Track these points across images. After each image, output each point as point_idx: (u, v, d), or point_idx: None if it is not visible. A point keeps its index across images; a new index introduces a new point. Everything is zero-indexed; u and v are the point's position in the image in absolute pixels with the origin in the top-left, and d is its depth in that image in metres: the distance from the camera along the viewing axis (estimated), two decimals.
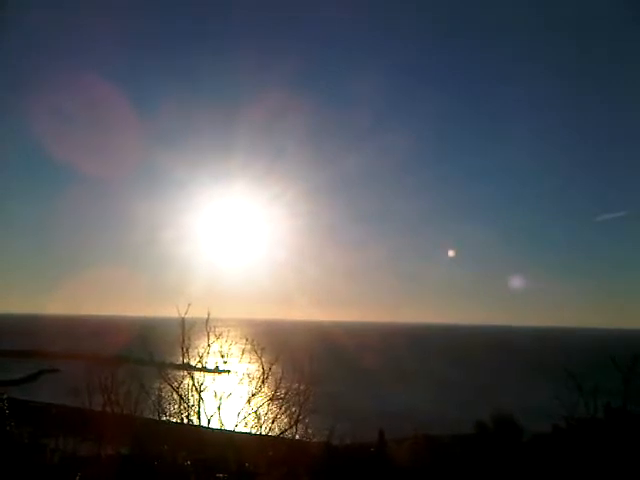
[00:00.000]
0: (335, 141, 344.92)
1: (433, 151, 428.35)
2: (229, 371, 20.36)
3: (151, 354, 19.61)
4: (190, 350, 19.13)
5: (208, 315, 19.30)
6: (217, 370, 19.98)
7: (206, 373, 19.42)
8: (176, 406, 18.80)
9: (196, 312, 19.49)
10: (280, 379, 19.77)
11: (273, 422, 19.46)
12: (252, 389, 19.29)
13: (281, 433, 19.58)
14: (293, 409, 19.72)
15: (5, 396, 11.12)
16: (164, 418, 18.91)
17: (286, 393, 19.54)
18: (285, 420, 19.67)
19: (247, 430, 19.32)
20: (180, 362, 19.67)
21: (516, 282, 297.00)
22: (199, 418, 18.59)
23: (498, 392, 75.48)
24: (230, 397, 19.34)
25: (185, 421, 18.55)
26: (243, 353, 20.55)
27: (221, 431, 18.94)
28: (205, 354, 19.24)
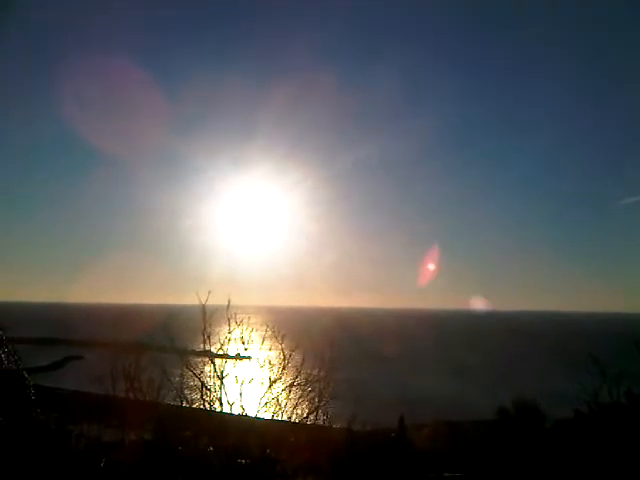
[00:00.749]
0: (356, 127, 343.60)
1: (454, 137, 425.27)
2: (250, 358, 20.43)
3: (173, 341, 19.77)
4: (211, 337, 19.30)
5: (229, 302, 19.43)
6: (238, 357, 20.08)
7: (227, 360, 19.56)
8: (198, 392, 18.99)
9: (216, 299, 19.63)
10: (301, 365, 19.86)
11: (294, 408, 19.58)
12: (273, 375, 19.40)
13: (302, 419, 19.70)
14: (314, 395, 19.83)
15: (31, 383, 11.30)
16: (186, 404, 19.11)
17: (307, 379, 19.63)
18: (306, 406, 19.78)
19: (268, 416, 19.46)
20: (201, 349, 19.85)
21: (478, 304, 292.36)
22: (221, 404, 18.76)
23: (518, 377, 75.23)
24: (251, 383, 19.49)
25: (207, 407, 18.75)
26: (263, 340, 20.68)
27: (242, 417, 19.10)
28: (226, 341, 19.37)
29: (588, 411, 25.40)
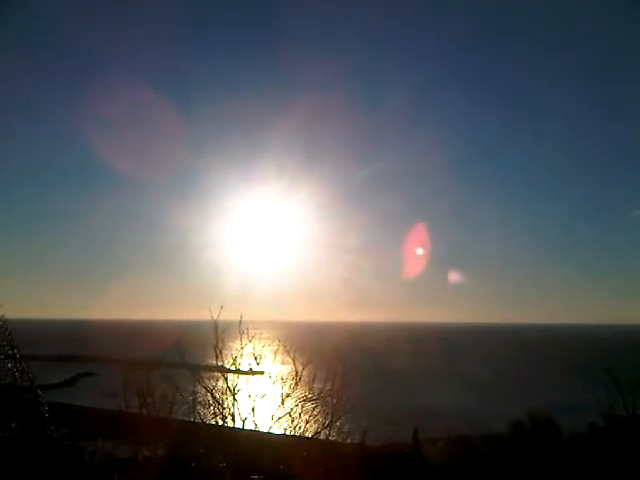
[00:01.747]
0: (368, 144, 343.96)
1: (466, 152, 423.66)
2: (262, 373, 20.44)
3: (185, 357, 19.80)
4: (223, 352, 19.34)
5: (241, 317, 19.47)
6: (251, 372, 20.08)
7: (240, 375, 19.56)
8: (211, 408, 18.98)
9: (228, 315, 19.68)
10: (313, 380, 19.83)
11: (307, 423, 19.51)
12: (285, 390, 19.37)
13: (315, 434, 19.63)
14: (326, 410, 19.77)
15: (45, 400, 11.35)
16: (199, 420, 19.10)
17: (319, 394, 19.58)
18: (319, 421, 19.71)
19: (281, 431, 19.40)
20: (214, 364, 19.87)
21: (454, 277, 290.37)
22: (234, 420, 18.74)
23: (530, 390, 74.50)
24: (264, 398, 19.47)
25: (220, 423, 18.72)
26: (276, 355, 20.68)
27: (256, 432, 19.06)
28: (239, 356, 19.39)
29: (604, 424, 25.13)
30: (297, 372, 19.50)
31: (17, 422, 8.00)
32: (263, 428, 19.11)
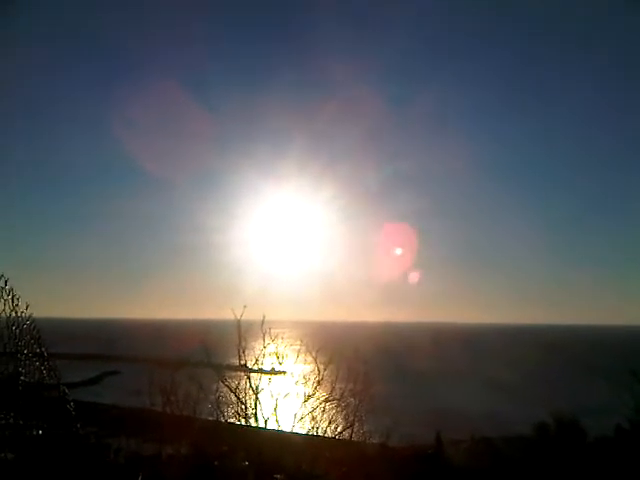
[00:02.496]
0: (391, 144, 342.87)
1: (489, 153, 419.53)
2: (285, 372, 20.51)
3: (209, 356, 19.96)
4: (246, 352, 19.46)
5: (263, 317, 19.59)
6: (273, 371, 20.18)
7: (262, 374, 19.66)
8: (234, 407, 19.11)
9: (250, 314, 19.80)
10: (335, 380, 19.84)
11: (329, 423, 19.54)
12: (308, 390, 19.42)
13: (337, 434, 19.64)
14: (349, 410, 19.77)
15: (71, 398, 11.54)
16: (222, 419, 19.24)
17: (341, 394, 19.60)
18: (341, 421, 19.72)
19: (304, 431, 19.46)
20: (237, 364, 19.99)
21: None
22: (256, 419, 18.85)
23: (553, 392, 73.72)
24: (286, 398, 19.55)
25: (243, 422, 18.84)
26: (298, 354, 20.75)
27: (278, 432, 19.14)
28: (261, 356, 19.50)
29: (630, 427, 24.74)
30: (319, 372, 19.54)
31: (44, 420, 8.14)
32: (285, 428, 19.18)
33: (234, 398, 19.10)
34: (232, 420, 19.29)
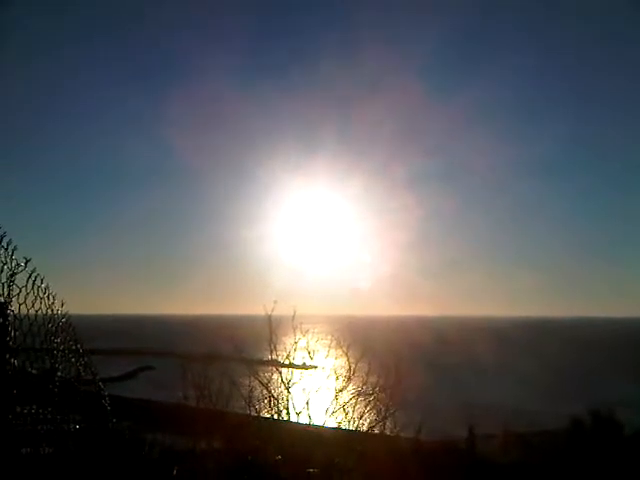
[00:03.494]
0: (422, 138, 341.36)
1: (520, 149, 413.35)
2: (316, 367, 20.55)
3: (240, 351, 20.13)
4: (277, 346, 19.55)
5: (294, 312, 19.66)
6: (304, 366, 20.25)
7: (294, 369, 19.74)
8: (266, 402, 19.23)
9: (280, 309, 19.89)
10: (367, 375, 19.82)
11: (361, 417, 19.54)
12: (339, 385, 19.44)
13: (369, 429, 19.63)
14: (380, 404, 19.74)
15: (107, 393, 11.73)
16: (255, 413, 19.37)
17: (373, 388, 19.57)
18: (373, 415, 19.70)
19: (335, 425, 19.49)
20: (268, 359, 20.12)
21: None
22: (288, 413, 18.93)
23: (588, 387, 72.58)
24: (318, 393, 19.59)
25: (275, 416, 18.95)
26: (329, 349, 20.77)
27: (310, 426, 19.20)
28: (292, 350, 19.58)
29: None
30: (350, 366, 19.54)
31: (80, 415, 8.26)
32: (317, 422, 19.23)
33: (266, 392, 19.21)
34: (264, 414, 19.42)
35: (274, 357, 19.36)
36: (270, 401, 19.05)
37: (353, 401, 19.39)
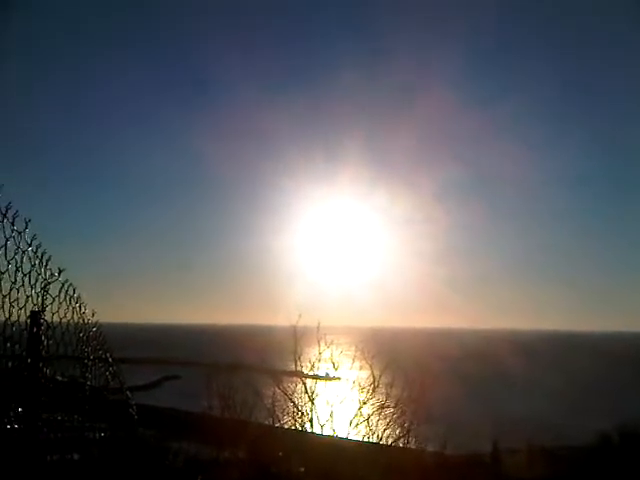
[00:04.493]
0: (448, 148, 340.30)
1: (549, 157, 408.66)
2: (339, 378, 20.52)
3: (264, 362, 20.23)
4: (301, 358, 19.57)
5: (319, 323, 19.67)
6: (328, 377, 20.23)
7: (318, 380, 19.73)
8: (289, 413, 19.24)
9: (304, 320, 19.91)
10: (391, 387, 19.74)
11: (385, 430, 19.44)
12: (363, 397, 19.37)
13: (393, 442, 19.51)
14: (405, 417, 19.62)
15: (134, 402, 11.88)
16: (278, 424, 19.40)
17: (397, 401, 19.47)
18: (397, 428, 19.58)
19: (359, 438, 19.41)
20: (292, 369, 20.15)
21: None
22: (312, 425, 18.90)
23: (616, 403, 71.06)
24: (341, 404, 19.54)
25: (299, 427, 18.94)
26: (353, 361, 20.72)
27: (334, 438, 19.15)
28: (316, 361, 19.58)
29: None
30: (374, 378, 19.47)
31: (107, 422, 8.39)
32: (341, 434, 19.17)
33: (290, 403, 19.23)
34: (288, 425, 19.42)
35: (298, 368, 19.38)
36: (294, 412, 19.06)
37: (377, 413, 19.31)
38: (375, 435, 19.17)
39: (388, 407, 19.37)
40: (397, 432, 19.44)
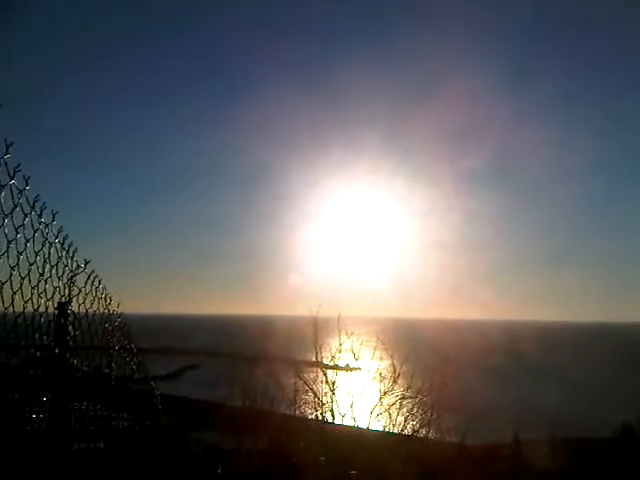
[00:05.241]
0: (468, 140, 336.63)
1: (575, 146, 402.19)
2: (360, 369, 20.54)
3: (285, 352, 20.31)
4: (321, 348, 19.63)
5: (339, 314, 19.71)
6: (348, 368, 20.27)
7: (338, 371, 19.79)
8: (311, 403, 19.32)
9: (324, 311, 19.95)
10: (412, 377, 19.72)
11: (405, 421, 19.44)
12: (383, 387, 19.38)
13: (414, 432, 19.51)
14: (425, 408, 19.61)
15: (158, 392, 12.00)
16: (300, 414, 19.49)
17: (417, 392, 19.46)
18: (417, 419, 19.58)
19: (380, 428, 19.43)
20: (312, 360, 20.22)
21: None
22: (333, 415, 18.97)
23: (638, 393, 70.30)
24: (362, 395, 19.57)
25: (319, 418, 19.01)
26: (374, 351, 20.74)
27: (354, 428, 19.20)
28: (337, 352, 19.63)
29: None
30: (395, 369, 19.46)
31: (132, 412, 8.49)
32: (362, 424, 19.22)
33: (311, 394, 19.31)
34: (309, 415, 19.51)
35: (319, 359, 19.44)
36: (315, 402, 19.13)
37: (398, 404, 19.31)
38: (396, 426, 19.18)
39: (408, 398, 19.36)
40: (418, 422, 19.43)
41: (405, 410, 19.32)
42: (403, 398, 19.32)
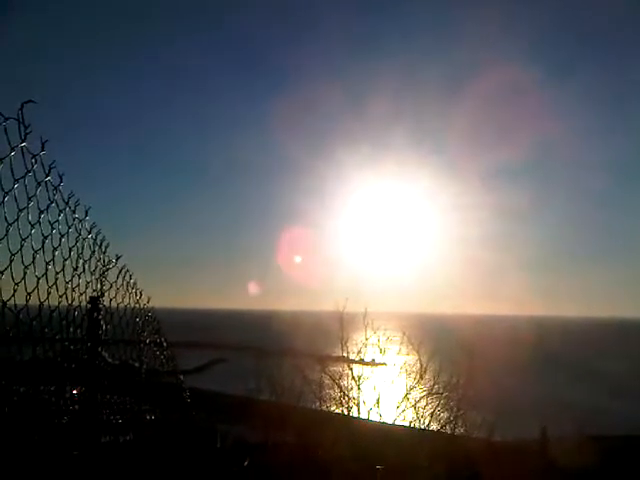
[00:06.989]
0: (496, 134, 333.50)
1: (605, 141, 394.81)
2: (385, 364, 20.54)
3: (312, 347, 20.41)
4: (347, 343, 19.68)
5: (365, 309, 19.74)
6: (374, 363, 20.28)
7: (364, 366, 19.82)
8: (336, 398, 19.39)
9: (350, 306, 19.98)
10: (438, 373, 19.66)
11: (432, 416, 19.40)
12: (410, 383, 19.36)
13: (440, 428, 19.46)
14: (452, 403, 19.54)
15: (187, 385, 12.16)
16: (326, 409, 19.57)
17: (444, 387, 19.40)
18: (444, 414, 19.53)
19: (406, 423, 19.42)
20: (338, 355, 20.28)
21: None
22: (359, 410, 19.02)
23: None
24: (388, 390, 19.58)
25: (345, 413, 19.08)
26: (400, 346, 20.73)
27: (380, 423, 19.22)
28: (363, 347, 19.66)
29: None
30: (422, 364, 19.42)
31: (161, 405, 8.64)
32: (388, 419, 19.22)
33: (337, 388, 19.38)
34: (335, 410, 19.57)
35: (345, 354, 19.50)
36: (341, 397, 19.20)
37: (424, 399, 19.27)
38: (422, 421, 19.15)
39: (435, 393, 19.31)
40: (444, 418, 19.38)
41: (431, 406, 19.28)
42: (429, 394, 19.28)
